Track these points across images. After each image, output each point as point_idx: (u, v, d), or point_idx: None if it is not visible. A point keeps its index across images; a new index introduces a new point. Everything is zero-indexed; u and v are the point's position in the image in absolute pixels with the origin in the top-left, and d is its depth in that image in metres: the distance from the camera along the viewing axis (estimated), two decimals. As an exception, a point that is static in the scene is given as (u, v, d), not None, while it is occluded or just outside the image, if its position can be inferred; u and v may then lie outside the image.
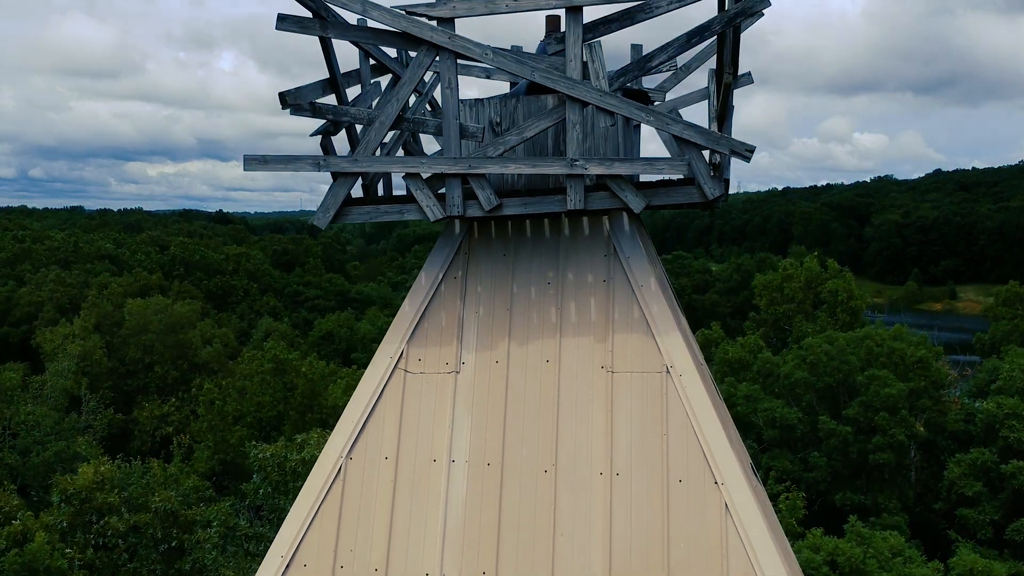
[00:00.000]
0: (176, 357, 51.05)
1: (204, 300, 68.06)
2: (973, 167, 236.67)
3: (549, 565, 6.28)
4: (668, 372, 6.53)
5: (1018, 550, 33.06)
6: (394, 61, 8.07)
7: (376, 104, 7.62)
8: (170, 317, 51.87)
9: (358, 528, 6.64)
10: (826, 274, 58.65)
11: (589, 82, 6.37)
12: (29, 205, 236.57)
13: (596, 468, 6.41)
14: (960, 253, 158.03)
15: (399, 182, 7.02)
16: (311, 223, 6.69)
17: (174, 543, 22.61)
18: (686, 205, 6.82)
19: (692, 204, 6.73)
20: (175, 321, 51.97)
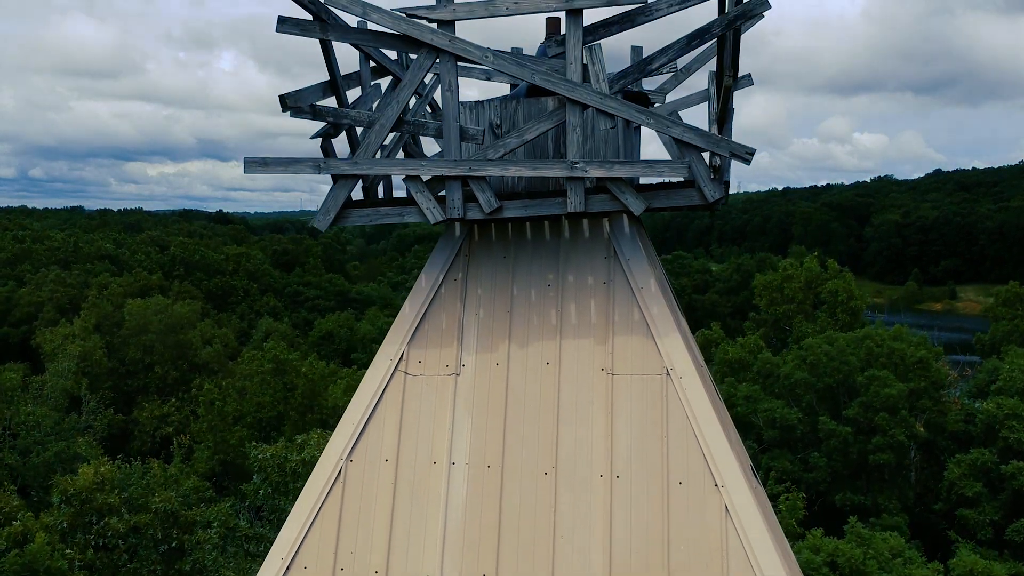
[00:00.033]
0: (176, 357, 51.06)
1: (204, 300, 68.06)
2: (973, 167, 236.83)
3: (549, 567, 6.28)
4: (668, 374, 6.53)
5: (1018, 551, 33.06)
6: (394, 63, 8.07)
7: (376, 106, 7.63)
8: (170, 317, 51.88)
9: (358, 530, 6.64)
10: (826, 274, 58.66)
11: (589, 85, 6.37)
12: (29, 205, 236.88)
13: (596, 470, 6.41)
14: (960, 253, 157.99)
15: (399, 184, 7.03)
16: (311, 226, 6.69)
17: (174, 544, 22.62)
18: (686, 207, 6.82)
19: (692, 206, 6.73)
20: (175, 321, 51.99)
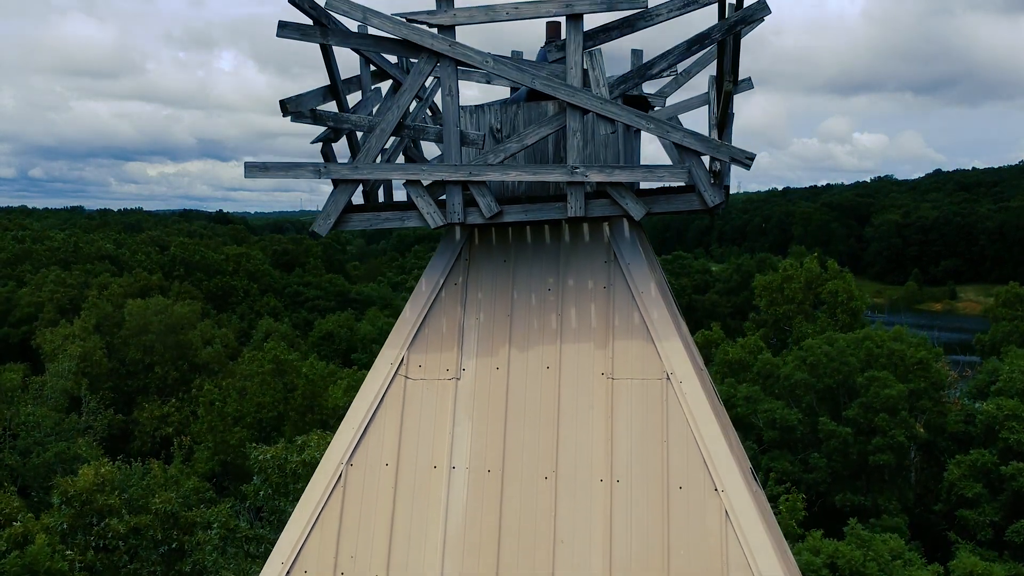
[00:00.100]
0: (176, 358, 51.05)
1: (204, 300, 68.04)
2: (973, 167, 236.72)
3: (549, 571, 6.29)
4: (668, 378, 6.54)
5: (1018, 551, 33.05)
6: (395, 67, 8.07)
7: (377, 111, 7.64)
8: (170, 318, 51.87)
9: (359, 534, 6.65)
10: (826, 275, 58.66)
11: (589, 89, 6.38)
12: (29, 205, 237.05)
13: (596, 475, 6.42)
14: (960, 253, 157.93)
15: (400, 186, 7.03)
16: (312, 230, 6.70)
17: (174, 545, 22.62)
18: (686, 212, 6.84)
19: (693, 211, 6.75)
20: (175, 322, 51.98)
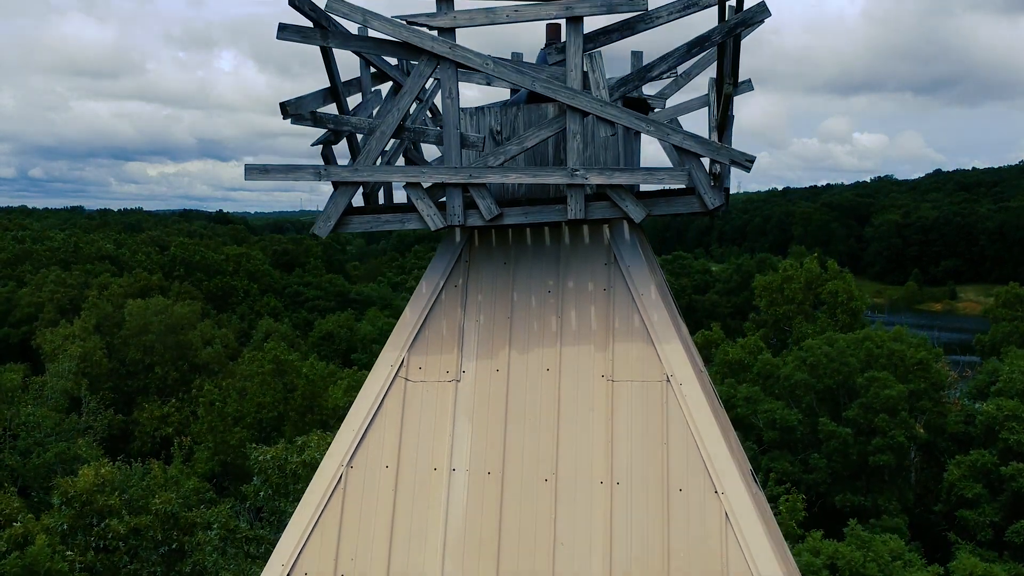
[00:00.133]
0: (176, 358, 51.06)
1: (204, 301, 68.04)
2: (973, 167, 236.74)
3: (549, 573, 6.29)
4: (668, 381, 6.54)
5: (1018, 552, 33.05)
6: (395, 69, 8.07)
7: (377, 113, 7.63)
8: (170, 318, 51.88)
9: (359, 537, 6.65)
10: (826, 275, 58.68)
11: (590, 92, 6.39)
12: (29, 205, 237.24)
13: (596, 477, 6.42)
14: (960, 253, 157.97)
15: (400, 188, 7.04)
16: (312, 233, 6.71)
17: (174, 545, 22.61)
18: (687, 214, 6.84)
19: (693, 213, 6.75)
20: (175, 322, 51.99)
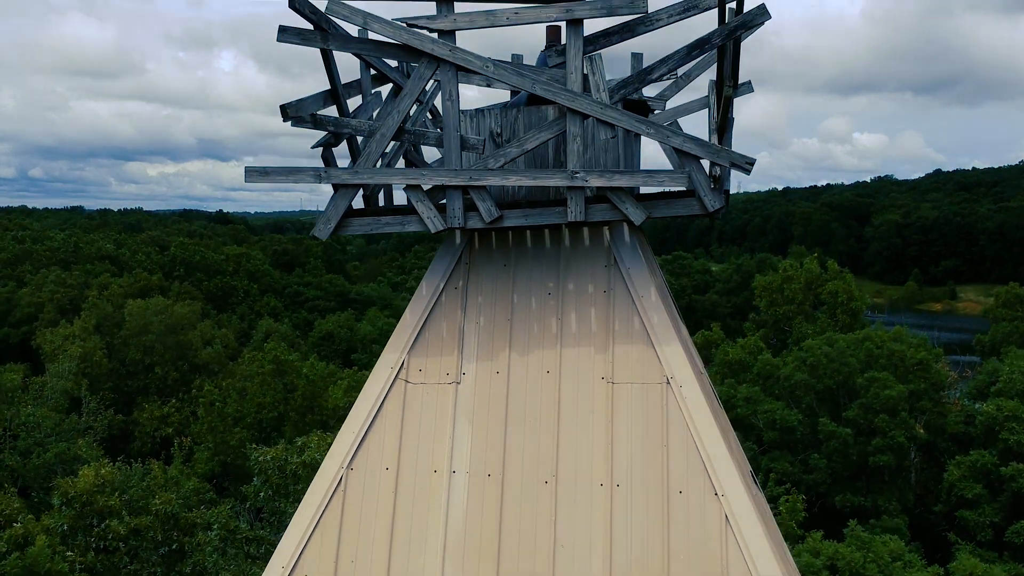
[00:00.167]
0: (176, 358, 51.06)
1: (204, 301, 68.03)
2: (973, 167, 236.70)
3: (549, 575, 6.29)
4: (668, 383, 6.54)
5: (1018, 552, 33.05)
6: (395, 71, 8.07)
7: (377, 115, 7.63)
8: (170, 318, 51.89)
9: (359, 539, 6.66)
10: (826, 275, 58.67)
11: (590, 95, 6.39)
12: (29, 205, 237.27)
13: (596, 479, 6.42)
14: (960, 253, 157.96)
15: (400, 189, 7.04)
16: (312, 235, 6.71)
17: (175, 546, 22.61)
18: (687, 216, 6.84)
19: (693, 215, 6.75)
20: (175, 322, 51.99)
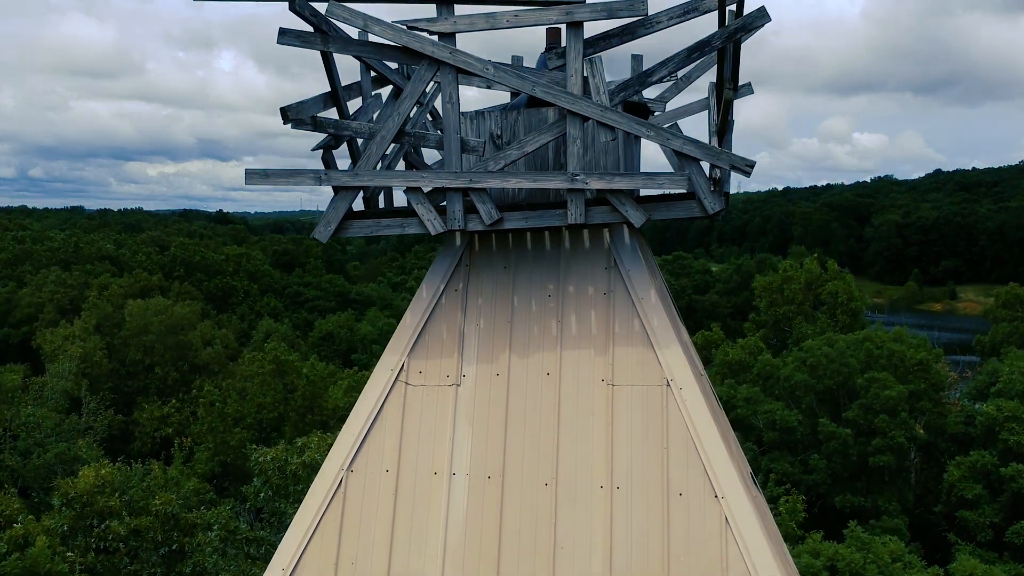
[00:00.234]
0: (176, 358, 51.07)
1: (204, 301, 68.02)
2: (973, 167, 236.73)
3: (550, 578, 6.29)
4: (668, 385, 6.54)
5: (1018, 553, 33.04)
6: (395, 73, 8.08)
7: (377, 117, 7.64)
8: (170, 318, 51.90)
9: (359, 541, 6.66)
10: (826, 275, 58.65)
11: (590, 97, 6.39)
12: (29, 205, 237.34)
13: (596, 481, 6.43)
14: (960, 253, 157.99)
15: (401, 191, 7.04)
16: (312, 237, 6.71)
17: (175, 546, 22.61)
18: (687, 218, 6.84)
19: (693, 217, 6.75)
20: (175, 322, 52.00)
